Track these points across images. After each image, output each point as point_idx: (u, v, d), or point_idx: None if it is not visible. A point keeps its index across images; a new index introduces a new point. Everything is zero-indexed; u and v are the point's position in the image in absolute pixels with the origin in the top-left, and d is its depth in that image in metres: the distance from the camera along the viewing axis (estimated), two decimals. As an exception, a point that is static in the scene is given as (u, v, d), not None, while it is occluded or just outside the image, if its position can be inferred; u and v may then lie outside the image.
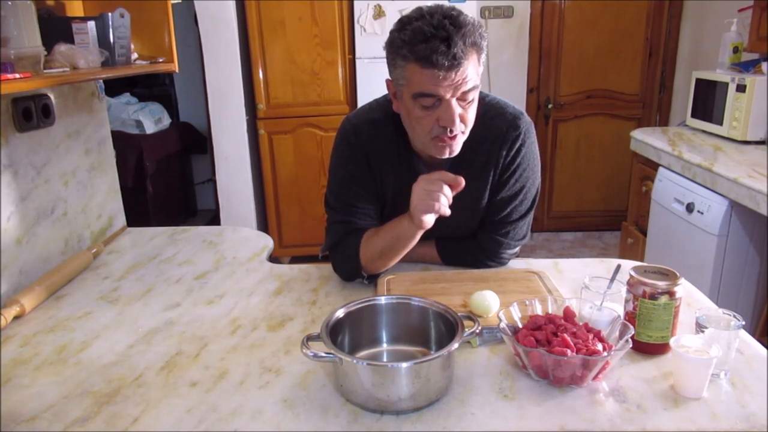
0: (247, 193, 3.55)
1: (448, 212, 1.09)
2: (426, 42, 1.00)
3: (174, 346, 1.03)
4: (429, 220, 1.11)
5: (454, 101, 1.05)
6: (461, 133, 1.11)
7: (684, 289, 0.96)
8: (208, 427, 0.81)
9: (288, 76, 3.33)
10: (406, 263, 1.28)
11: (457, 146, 1.12)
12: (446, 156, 1.13)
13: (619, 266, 1.10)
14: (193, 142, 4.36)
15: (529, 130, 1.23)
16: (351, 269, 1.24)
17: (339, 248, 1.25)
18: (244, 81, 3.37)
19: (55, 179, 1.43)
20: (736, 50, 2.70)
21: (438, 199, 1.07)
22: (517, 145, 1.21)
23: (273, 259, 1.49)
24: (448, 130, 1.07)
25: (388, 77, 1.13)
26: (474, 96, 1.08)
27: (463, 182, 1.08)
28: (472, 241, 1.30)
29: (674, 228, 2.46)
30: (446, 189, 1.08)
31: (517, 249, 1.33)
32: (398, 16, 1.11)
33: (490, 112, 1.21)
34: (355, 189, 1.24)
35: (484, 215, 1.27)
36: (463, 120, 1.08)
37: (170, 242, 1.58)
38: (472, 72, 1.04)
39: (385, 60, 1.14)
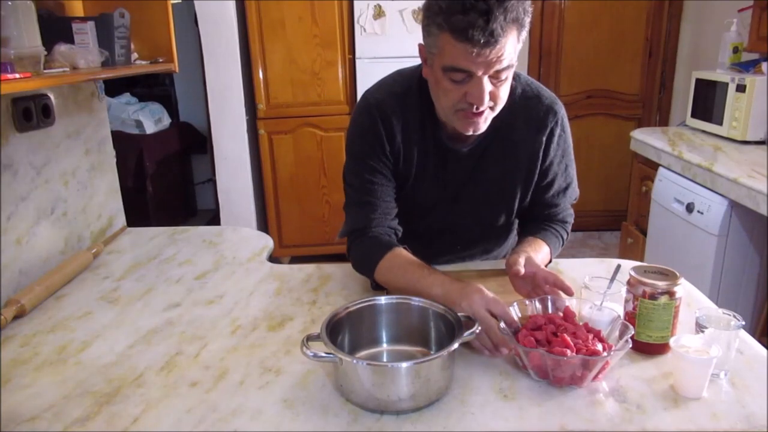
0: (247, 193, 3.54)
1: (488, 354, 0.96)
2: (464, 13, 0.93)
3: (174, 346, 1.03)
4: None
5: (486, 79, 1.00)
6: (489, 109, 1.06)
7: (684, 289, 0.96)
8: (208, 427, 0.81)
9: (288, 76, 3.33)
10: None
11: (484, 124, 1.08)
12: (470, 132, 1.10)
13: (619, 266, 1.10)
14: (193, 142, 4.35)
15: (565, 117, 1.22)
16: (364, 273, 1.20)
17: (359, 246, 1.19)
18: (244, 81, 3.37)
19: (55, 179, 1.43)
20: (736, 50, 2.70)
21: (487, 347, 0.95)
22: (558, 131, 1.20)
23: (273, 259, 1.49)
24: (475, 106, 1.03)
25: (421, 42, 1.07)
26: (508, 75, 1.04)
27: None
28: (555, 224, 1.29)
29: (674, 228, 2.46)
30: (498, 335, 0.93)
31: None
32: (398, 17, 1.09)
33: (527, 92, 1.19)
34: (375, 164, 1.19)
35: (540, 202, 1.27)
36: (493, 97, 1.04)
37: (170, 242, 1.58)
38: (509, 50, 0.98)
39: (384, 60, 1.13)
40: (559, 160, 1.23)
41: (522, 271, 1.05)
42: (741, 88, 2.44)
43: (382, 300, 1.00)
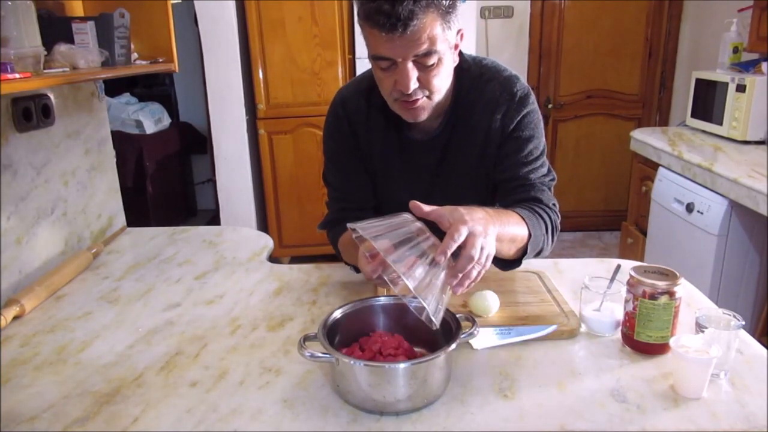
0: (247, 193, 3.55)
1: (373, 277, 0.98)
2: (373, 0, 0.94)
3: (174, 346, 1.03)
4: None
5: (410, 64, 0.99)
6: (426, 97, 1.05)
7: (684, 289, 0.96)
8: (208, 427, 0.81)
9: (288, 76, 3.33)
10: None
11: (423, 111, 1.07)
12: (412, 121, 1.10)
13: (619, 266, 1.10)
14: (193, 142, 4.36)
15: (526, 95, 1.17)
16: (339, 258, 1.28)
17: (330, 232, 1.28)
18: (244, 81, 3.37)
19: (55, 179, 1.43)
20: (736, 50, 2.70)
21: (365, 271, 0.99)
22: (514, 107, 1.15)
23: (273, 259, 1.49)
24: (407, 94, 1.02)
25: None
26: (435, 60, 1.00)
27: (376, 253, 0.94)
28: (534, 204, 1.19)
29: (674, 228, 2.46)
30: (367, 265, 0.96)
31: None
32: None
33: (485, 75, 1.16)
34: (346, 161, 1.24)
35: (503, 178, 1.20)
36: (425, 84, 1.02)
37: (170, 242, 1.58)
38: (428, 34, 0.96)
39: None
40: (518, 134, 1.16)
41: (421, 209, 0.94)
42: (741, 88, 2.44)
43: (381, 300, 1.00)
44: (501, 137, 1.17)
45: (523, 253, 1.10)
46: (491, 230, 0.92)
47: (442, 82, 1.06)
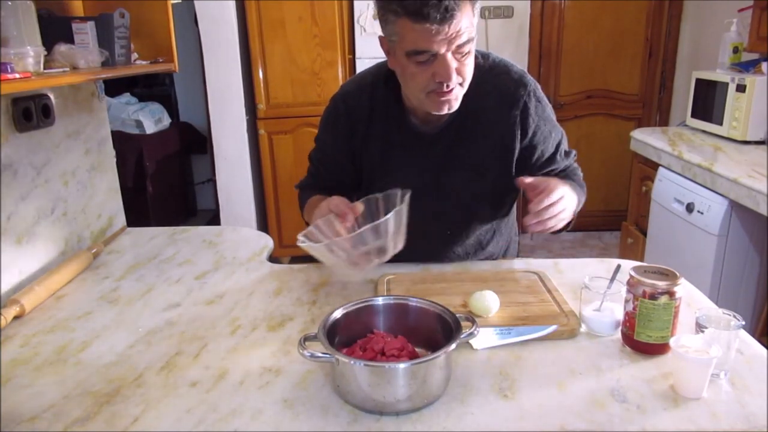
0: (247, 193, 3.55)
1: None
2: None
3: (174, 346, 1.03)
4: None
5: (449, 55, 1.02)
6: (459, 86, 1.08)
7: (684, 289, 0.96)
8: (208, 427, 0.81)
9: (288, 76, 3.33)
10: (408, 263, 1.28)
11: (456, 102, 1.10)
12: (444, 112, 1.11)
13: (619, 266, 1.10)
14: (193, 142, 4.36)
15: (537, 88, 1.21)
16: (301, 215, 1.33)
17: (300, 195, 1.36)
18: (244, 81, 3.37)
19: (55, 179, 1.43)
20: (736, 50, 2.70)
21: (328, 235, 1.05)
22: (532, 105, 1.19)
23: (273, 259, 1.49)
24: (445, 84, 1.05)
25: (381, 34, 1.09)
26: (470, 48, 1.04)
27: (355, 213, 1.05)
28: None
29: (674, 228, 2.46)
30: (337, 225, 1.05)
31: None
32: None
33: (495, 70, 1.19)
34: (333, 153, 1.29)
35: (545, 174, 1.25)
36: (459, 73, 1.06)
37: (170, 242, 1.58)
38: (466, 23, 1.00)
39: (384, 60, 1.14)
40: (541, 130, 1.22)
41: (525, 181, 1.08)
42: (741, 88, 2.44)
43: (380, 300, 1.00)
44: (522, 135, 1.20)
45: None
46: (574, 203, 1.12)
47: (471, 69, 1.09)
